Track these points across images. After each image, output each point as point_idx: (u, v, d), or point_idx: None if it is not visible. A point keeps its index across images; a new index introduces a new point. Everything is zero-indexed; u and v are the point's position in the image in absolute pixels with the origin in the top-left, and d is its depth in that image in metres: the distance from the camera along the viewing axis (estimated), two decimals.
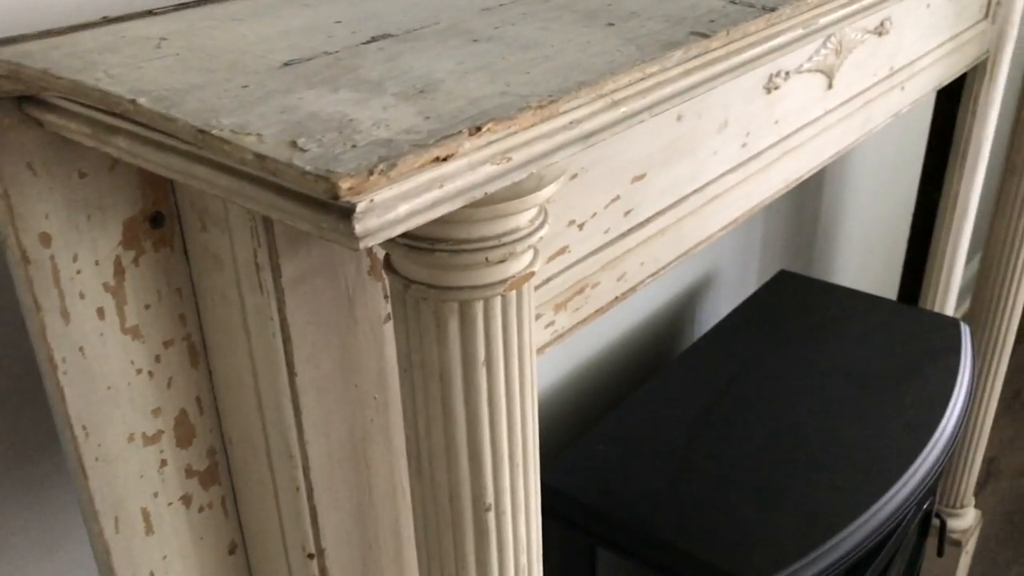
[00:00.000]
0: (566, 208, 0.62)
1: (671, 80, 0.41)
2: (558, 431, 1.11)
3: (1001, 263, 1.38)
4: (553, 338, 0.66)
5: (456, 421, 0.46)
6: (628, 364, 1.23)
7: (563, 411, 1.12)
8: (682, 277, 1.30)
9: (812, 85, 0.86)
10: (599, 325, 1.16)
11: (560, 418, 1.12)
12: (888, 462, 0.95)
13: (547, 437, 1.10)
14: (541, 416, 1.08)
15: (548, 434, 1.10)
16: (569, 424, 1.13)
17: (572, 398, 1.13)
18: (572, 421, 1.13)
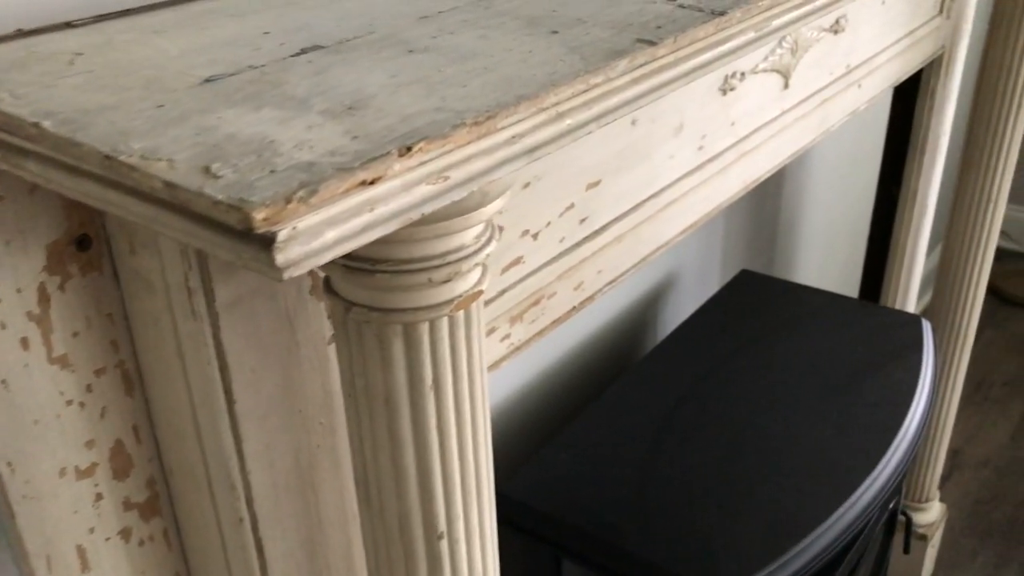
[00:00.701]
0: (519, 218, 0.61)
1: (618, 89, 0.39)
2: (520, 441, 1.10)
3: (960, 258, 1.39)
4: (509, 351, 0.64)
5: (404, 447, 0.44)
6: (591, 370, 1.22)
7: (525, 420, 1.10)
8: (644, 279, 1.29)
9: (768, 85, 0.85)
10: (560, 331, 1.14)
11: (522, 427, 1.10)
12: (852, 464, 0.94)
13: (509, 447, 1.08)
14: (502, 426, 1.07)
15: (510, 444, 1.08)
16: (531, 433, 1.11)
17: (534, 406, 1.11)
18: (535, 430, 1.12)
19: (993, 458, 2.03)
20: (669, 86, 0.43)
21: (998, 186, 1.33)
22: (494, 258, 0.59)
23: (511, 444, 1.08)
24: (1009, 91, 1.28)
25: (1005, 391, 2.25)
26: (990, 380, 2.28)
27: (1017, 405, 2.20)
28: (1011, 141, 1.31)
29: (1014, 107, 1.28)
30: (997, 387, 2.26)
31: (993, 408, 2.19)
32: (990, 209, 1.35)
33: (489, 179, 0.35)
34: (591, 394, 1.20)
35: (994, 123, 1.30)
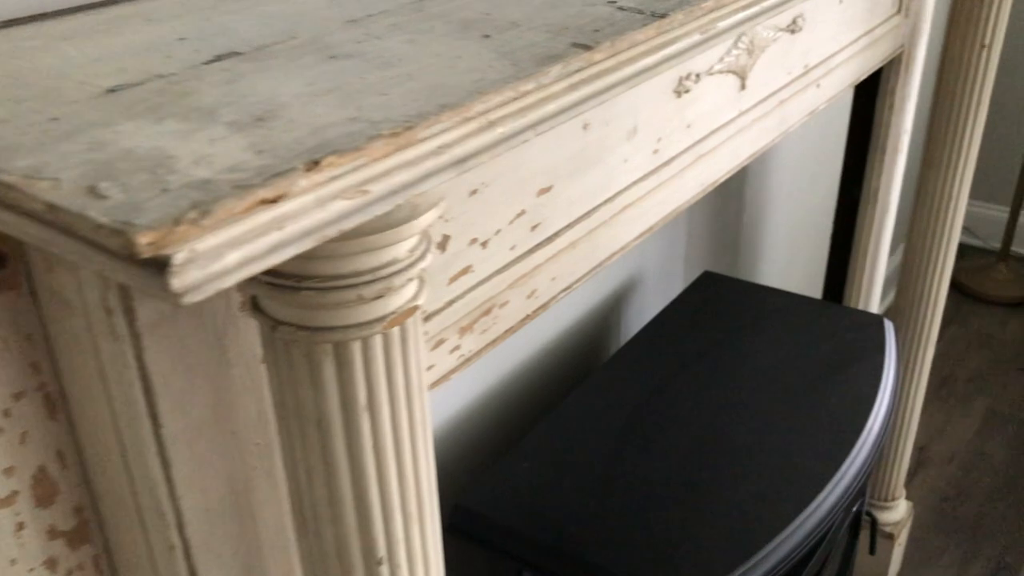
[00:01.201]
0: (467, 226, 0.59)
1: (556, 96, 0.37)
2: (481, 451, 1.08)
3: (923, 256, 1.39)
4: (460, 363, 0.62)
5: (338, 471, 0.43)
6: (554, 376, 1.20)
7: (486, 429, 1.08)
8: (606, 283, 1.28)
9: (725, 87, 0.84)
10: (521, 337, 1.12)
11: (483, 437, 1.08)
12: (816, 467, 0.93)
13: (470, 458, 1.06)
14: (463, 436, 1.05)
15: (471, 455, 1.06)
16: (493, 443, 1.09)
17: (495, 415, 1.10)
18: (496, 439, 1.10)
19: (959, 454, 2.04)
20: (610, 91, 0.41)
21: (959, 184, 1.33)
22: (440, 268, 0.57)
23: (471, 454, 1.06)
24: (968, 89, 1.27)
25: (969, 387, 2.26)
26: (955, 376, 2.30)
27: (981, 400, 2.21)
28: (971, 139, 1.30)
29: (973, 105, 1.28)
30: (961, 383, 2.27)
31: (958, 404, 2.20)
32: (951, 207, 1.35)
33: (415, 192, 0.33)
34: (554, 401, 1.18)
35: (953, 121, 1.30)
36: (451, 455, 1.03)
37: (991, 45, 1.25)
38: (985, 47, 1.25)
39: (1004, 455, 2.04)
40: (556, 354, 1.20)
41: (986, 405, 2.19)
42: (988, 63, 1.26)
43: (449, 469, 1.04)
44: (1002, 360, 2.35)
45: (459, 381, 1.03)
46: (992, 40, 1.25)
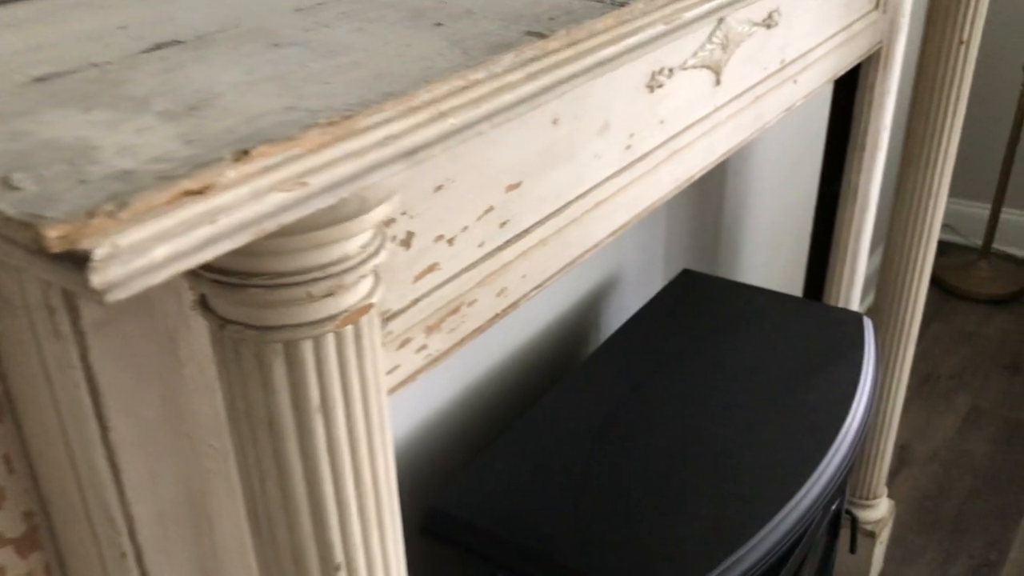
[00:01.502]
0: (433, 223, 0.58)
1: (511, 86, 0.36)
2: (457, 451, 1.06)
3: (903, 253, 1.38)
4: (427, 363, 0.61)
5: (292, 474, 0.41)
6: (531, 375, 1.19)
7: (462, 429, 1.07)
8: (583, 281, 1.27)
9: (699, 82, 0.83)
10: (499, 336, 1.11)
11: (460, 437, 1.07)
12: (794, 466, 0.92)
13: (446, 458, 1.05)
14: (438, 437, 1.03)
15: (446, 455, 1.05)
16: (469, 443, 1.08)
17: (470, 415, 1.08)
18: (472, 439, 1.09)
19: (940, 452, 2.04)
20: (570, 82, 0.40)
21: (938, 180, 1.33)
22: (405, 266, 0.56)
23: (447, 456, 1.05)
24: (947, 85, 1.27)
25: (951, 384, 2.26)
26: (936, 374, 2.30)
27: (963, 398, 2.21)
28: (950, 135, 1.30)
29: (952, 101, 1.28)
30: (944, 380, 2.27)
31: (940, 402, 2.20)
32: (931, 204, 1.34)
33: (360, 184, 0.32)
34: (532, 401, 1.17)
35: (932, 117, 1.29)
36: (426, 457, 1.02)
37: (969, 41, 1.25)
38: (963, 43, 1.24)
39: (986, 452, 2.04)
40: (534, 353, 1.19)
41: (968, 402, 2.19)
42: (966, 59, 1.26)
43: (424, 471, 1.02)
44: (984, 357, 2.35)
45: (434, 381, 1.02)
46: (970, 36, 1.24)
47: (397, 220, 0.54)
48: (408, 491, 1.01)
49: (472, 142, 0.58)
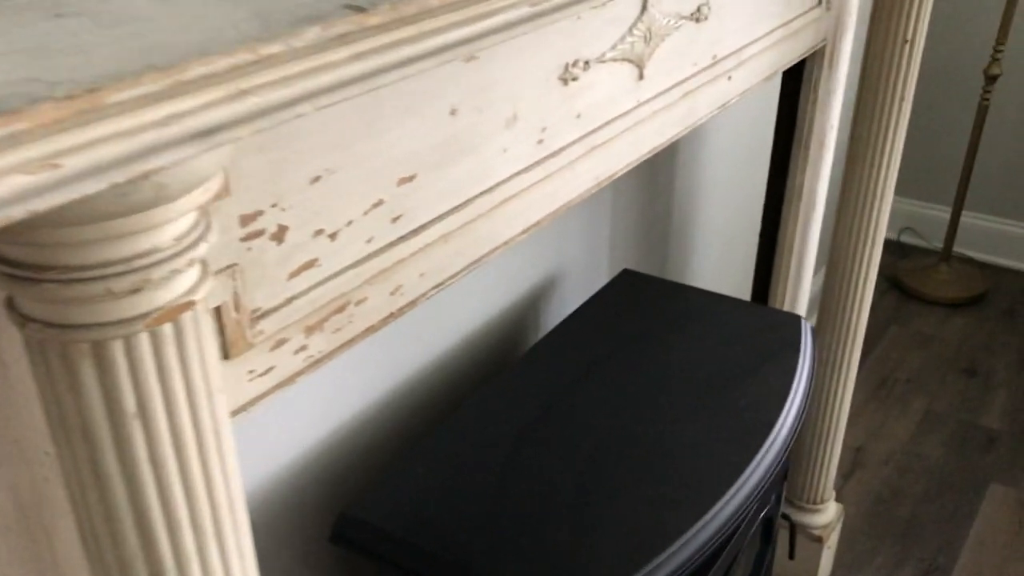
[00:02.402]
0: (310, 216, 0.55)
1: (332, 66, 0.33)
2: (381, 455, 1.03)
3: (848, 255, 1.37)
4: (308, 364, 0.58)
5: (112, 485, 0.38)
6: (464, 376, 1.16)
7: (386, 432, 1.04)
8: (523, 280, 1.24)
9: (620, 76, 0.81)
10: (428, 334, 1.08)
11: (383, 440, 1.04)
12: (719, 470, 0.90)
13: (367, 462, 1.02)
14: (360, 440, 1.00)
15: (369, 459, 1.02)
16: (393, 446, 1.05)
17: (397, 416, 1.05)
18: (398, 442, 1.06)
19: (895, 455, 2.03)
20: (411, 65, 0.37)
21: (883, 181, 1.31)
22: (277, 262, 0.53)
23: (371, 459, 1.02)
24: (891, 85, 1.25)
25: (908, 387, 2.25)
26: (894, 377, 2.29)
27: (919, 401, 2.20)
28: (894, 135, 1.28)
29: (896, 101, 1.26)
30: (900, 384, 2.27)
31: (896, 405, 2.19)
32: (876, 204, 1.33)
33: (141, 168, 0.29)
34: (463, 403, 1.14)
35: (877, 117, 1.28)
36: (347, 461, 0.99)
37: (913, 40, 1.23)
38: (908, 42, 1.23)
39: (940, 456, 2.03)
40: (468, 353, 1.16)
41: (924, 406, 2.19)
42: (911, 59, 1.24)
43: (346, 476, 0.99)
44: (941, 361, 2.35)
45: (356, 381, 0.99)
46: (915, 35, 1.23)
47: (266, 212, 0.51)
48: (329, 497, 0.98)
49: (353, 131, 0.55)
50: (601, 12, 0.75)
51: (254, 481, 0.89)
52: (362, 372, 1.00)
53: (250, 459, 0.88)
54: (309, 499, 0.95)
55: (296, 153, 0.52)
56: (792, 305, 1.44)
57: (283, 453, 0.91)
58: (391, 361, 1.04)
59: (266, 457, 0.90)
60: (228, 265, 0.50)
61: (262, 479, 0.90)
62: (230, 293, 0.51)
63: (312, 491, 0.96)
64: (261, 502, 0.90)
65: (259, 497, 0.89)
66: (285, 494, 0.92)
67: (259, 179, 0.50)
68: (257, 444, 0.88)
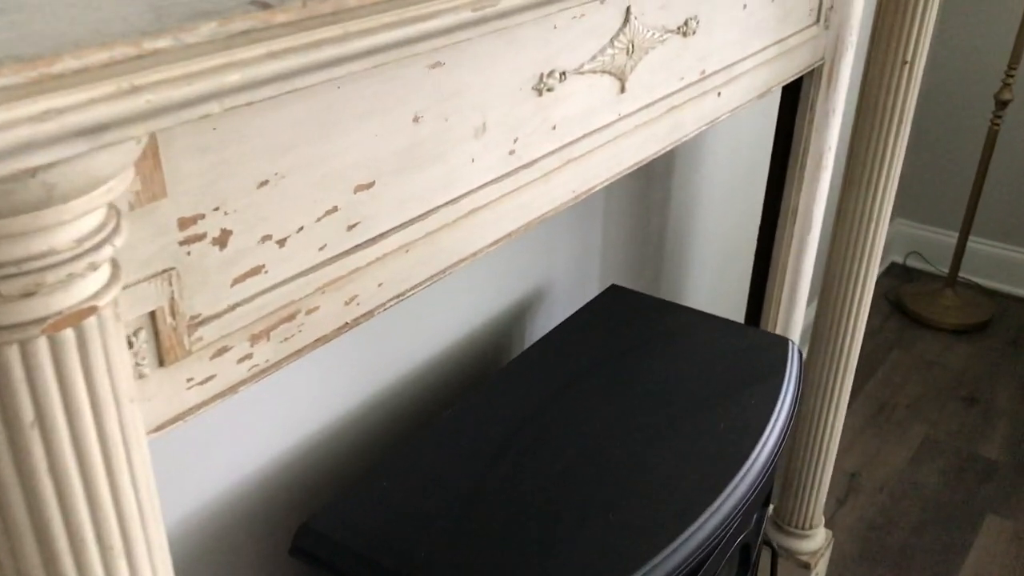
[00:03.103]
0: (257, 221, 0.53)
1: (241, 64, 0.32)
2: (354, 465, 1.02)
3: (841, 278, 1.34)
4: (253, 374, 0.56)
5: (9, 498, 0.36)
6: (447, 385, 1.14)
7: (361, 444, 1.02)
8: (508, 291, 1.22)
9: (600, 88, 0.79)
10: (408, 343, 1.06)
11: (358, 452, 1.02)
12: (692, 494, 0.88)
13: (340, 473, 1.00)
14: (333, 450, 0.99)
15: (341, 469, 1.00)
16: (368, 457, 1.03)
17: (373, 427, 1.04)
18: (373, 453, 1.04)
19: (890, 482, 2.00)
20: (337, 67, 0.35)
21: (879, 204, 1.29)
22: (219, 267, 0.52)
23: (343, 469, 1.00)
24: (889, 106, 1.23)
25: (907, 413, 2.22)
26: (893, 402, 2.26)
27: (917, 428, 2.17)
28: (892, 158, 1.26)
29: (895, 123, 1.24)
30: (900, 409, 2.23)
31: (894, 431, 2.16)
32: (872, 228, 1.30)
33: (16, 165, 0.27)
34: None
35: (875, 139, 1.26)
36: (318, 471, 0.97)
37: (913, 62, 1.21)
38: (907, 63, 1.21)
39: (936, 484, 2.00)
40: (449, 364, 1.15)
41: (923, 433, 2.15)
42: (910, 81, 1.22)
43: (316, 487, 0.97)
44: (943, 388, 2.32)
45: (331, 389, 0.97)
46: (914, 57, 1.21)
47: (208, 216, 0.50)
48: (298, 508, 0.96)
49: (304, 135, 0.53)
50: (580, 22, 0.73)
51: (217, 489, 0.87)
52: (337, 380, 0.98)
53: (214, 467, 0.86)
54: (278, 509, 0.93)
55: (242, 155, 0.51)
56: (785, 330, 1.41)
57: (250, 461, 0.90)
58: (368, 369, 1.02)
59: (232, 465, 0.88)
60: (164, 269, 0.48)
61: (227, 487, 0.88)
62: (166, 298, 0.49)
63: (282, 501, 0.94)
64: (225, 511, 0.88)
65: (222, 506, 0.88)
66: (251, 504, 0.91)
67: (200, 181, 0.49)
68: (224, 451, 0.87)
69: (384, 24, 0.35)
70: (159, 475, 0.81)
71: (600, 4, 0.75)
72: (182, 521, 0.84)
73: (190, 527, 0.85)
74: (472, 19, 0.42)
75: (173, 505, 0.84)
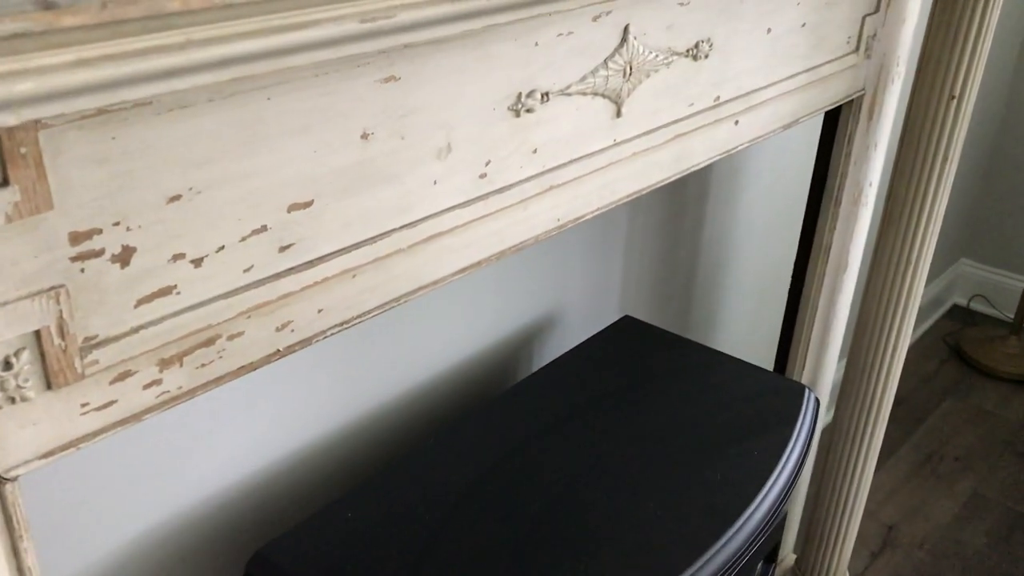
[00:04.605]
0: (167, 238, 0.49)
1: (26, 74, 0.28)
2: (331, 492, 0.98)
3: (876, 322, 1.26)
4: (163, 401, 0.53)
5: None
6: (438, 412, 1.10)
7: (336, 470, 0.98)
8: (516, 317, 1.17)
9: (591, 111, 0.74)
10: (396, 366, 1.02)
11: (336, 476, 0.98)
12: (673, 554, 0.82)
13: (313, 499, 0.96)
14: (310, 474, 0.95)
15: (314, 496, 0.96)
16: (346, 484, 0.99)
17: (354, 452, 1.00)
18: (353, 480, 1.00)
19: (931, 539, 1.89)
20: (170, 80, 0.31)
21: (920, 248, 1.21)
22: (121, 287, 0.48)
23: (317, 496, 0.96)
24: (934, 143, 1.16)
25: (956, 466, 2.10)
26: (941, 453, 2.14)
27: (966, 482, 2.05)
28: (935, 197, 1.18)
29: (939, 161, 1.16)
30: (948, 461, 2.12)
31: (940, 484, 2.04)
32: (910, 272, 1.22)
33: None
34: None
35: (916, 177, 1.18)
36: (287, 497, 0.94)
37: (961, 96, 1.13)
38: (954, 98, 1.13)
39: (981, 545, 1.88)
40: (442, 391, 1.10)
41: (971, 488, 2.04)
42: (958, 117, 1.14)
43: (283, 514, 0.94)
44: (997, 440, 2.19)
45: (310, 412, 0.93)
46: (963, 92, 1.13)
47: (105, 231, 0.46)
48: (262, 534, 0.92)
49: (225, 148, 0.49)
50: (566, 40, 0.68)
51: (175, 510, 0.84)
52: (319, 399, 0.94)
53: (175, 486, 0.83)
54: (239, 535, 0.90)
55: (148, 168, 0.47)
56: (813, 378, 1.33)
57: (214, 483, 0.86)
58: (351, 391, 0.98)
59: (194, 485, 0.85)
60: (51, 287, 0.45)
61: (186, 508, 0.85)
62: (53, 317, 0.45)
63: (246, 525, 0.90)
64: (182, 533, 0.85)
65: (180, 527, 0.84)
66: (210, 528, 0.87)
67: (96, 194, 0.45)
68: (187, 471, 0.84)
69: (216, 37, 0.31)
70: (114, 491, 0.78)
71: (592, 22, 0.70)
72: (135, 540, 0.81)
73: (144, 547, 0.82)
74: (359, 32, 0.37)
75: (128, 523, 0.81)
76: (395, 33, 0.42)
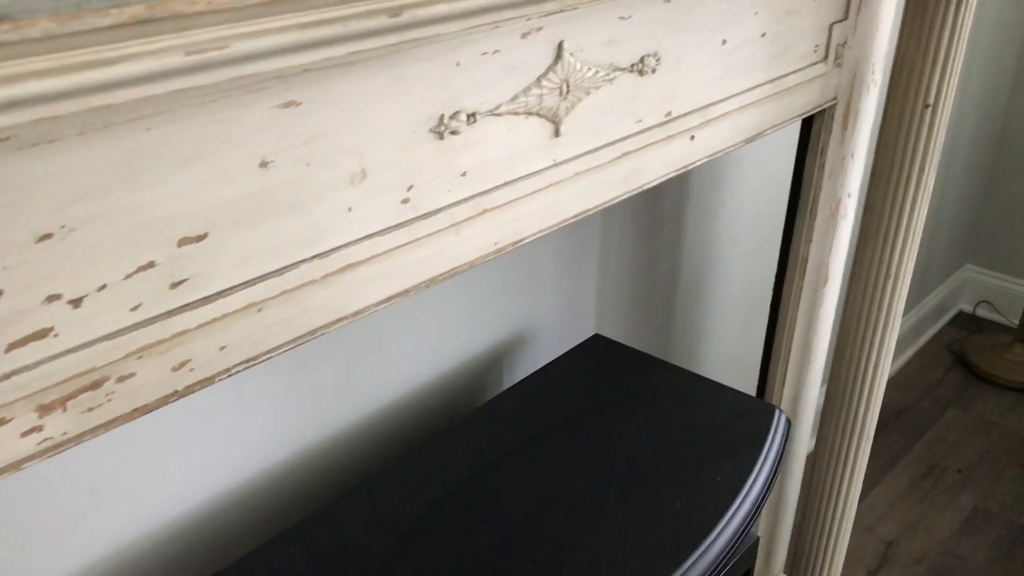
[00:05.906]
0: (40, 279, 0.47)
1: None
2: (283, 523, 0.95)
3: (855, 338, 1.23)
4: (46, 448, 0.50)
5: None
6: (402, 436, 1.07)
7: (286, 499, 0.96)
8: (483, 338, 1.15)
9: (525, 131, 0.71)
10: (367, 386, 1.00)
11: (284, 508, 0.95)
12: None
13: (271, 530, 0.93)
14: (262, 503, 0.92)
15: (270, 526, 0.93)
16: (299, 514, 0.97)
17: (309, 480, 0.97)
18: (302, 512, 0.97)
19: (931, 554, 1.84)
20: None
21: (898, 259, 1.17)
22: None
23: (264, 531, 0.94)
24: (909, 153, 1.12)
25: (958, 479, 2.05)
26: (943, 465, 2.09)
27: (968, 496, 2.00)
28: (912, 208, 1.15)
29: (915, 171, 1.13)
30: (950, 474, 2.07)
31: (941, 498, 2.00)
32: (890, 284, 1.19)
33: None
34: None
35: (892, 188, 1.14)
36: (242, 528, 0.91)
37: (936, 105, 1.09)
38: (929, 107, 1.09)
39: (983, 560, 1.83)
40: (408, 414, 1.07)
41: (973, 502, 1.99)
42: (933, 125, 1.11)
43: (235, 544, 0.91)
44: (1001, 452, 2.14)
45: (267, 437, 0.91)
46: (938, 100, 1.09)
47: None
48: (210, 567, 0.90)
49: (101, 182, 0.47)
50: (493, 59, 0.66)
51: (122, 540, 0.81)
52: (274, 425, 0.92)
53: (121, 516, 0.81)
54: (182, 571, 0.88)
55: (11, 206, 0.44)
56: (792, 402, 1.30)
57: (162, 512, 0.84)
58: (310, 415, 0.96)
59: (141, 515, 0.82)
60: None
61: (132, 539, 0.82)
62: None
63: (193, 557, 0.88)
64: (128, 563, 0.83)
65: (125, 557, 0.82)
66: (156, 559, 0.85)
67: None
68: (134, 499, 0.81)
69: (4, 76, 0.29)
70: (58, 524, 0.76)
71: (521, 39, 0.68)
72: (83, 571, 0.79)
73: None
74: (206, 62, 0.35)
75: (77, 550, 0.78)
76: (229, 65, 0.40)
